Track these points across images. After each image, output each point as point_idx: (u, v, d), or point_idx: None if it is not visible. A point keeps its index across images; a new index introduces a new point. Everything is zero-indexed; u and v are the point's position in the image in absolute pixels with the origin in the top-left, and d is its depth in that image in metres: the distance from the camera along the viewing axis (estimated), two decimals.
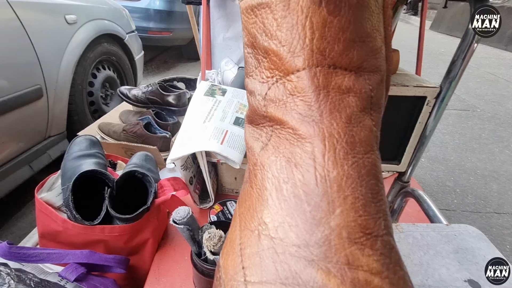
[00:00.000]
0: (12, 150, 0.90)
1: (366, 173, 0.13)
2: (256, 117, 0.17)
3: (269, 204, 0.13)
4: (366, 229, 0.12)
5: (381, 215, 0.13)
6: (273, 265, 0.12)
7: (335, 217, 0.12)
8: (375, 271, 0.11)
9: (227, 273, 0.13)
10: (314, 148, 0.13)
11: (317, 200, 0.12)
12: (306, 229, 0.12)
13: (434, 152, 1.53)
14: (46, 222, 0.52)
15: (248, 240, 0.13)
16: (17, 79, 0.88)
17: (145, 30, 2.42)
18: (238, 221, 0.15)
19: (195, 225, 0.43)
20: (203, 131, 0.54)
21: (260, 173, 0.14)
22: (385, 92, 0.16)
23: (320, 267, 0.11)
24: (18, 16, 0.89)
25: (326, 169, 0.12)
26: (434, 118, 0.49)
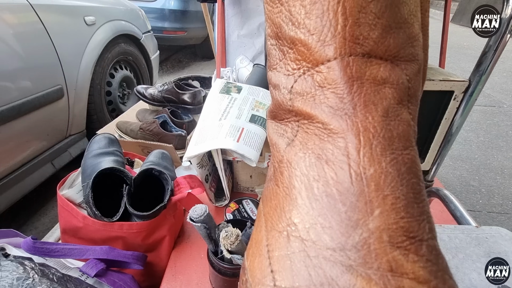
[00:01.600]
0: (35, 148, 0.93)
1: (406, 170, 0.12)
2: (281, 112, 0.16)
3: (298, 204, 0.12)
4: (409, 232, 0.11)
5: (424, 217, 0.11)
6: (306, 269, 0.11)
7: (374, 218, 0.11)
8: (422, 279, 0.10)
9: (254, 277, 0.12)
10: (347, 143, 0.12)
11: (353, 200, 0.11)
12: (341, 231, 0.11)
13: (457, 150, 1.47)
14: (68, 218, 0.53)
15: (276, 242, 0.12)
16: (40, 80, 0.91)
17: (160, 30, 2.45)
18: (263, 221, 0.14)
19: (212, 223, 0.42)
20: (219, 129, 0.54)
21: (287, 171, 0.14)
22: (422, 83, 0.15)
23: (360, 273, 0.10)
24: (41, 19, 0.92)
25: (362, 166, 0.11)
26: (461, 114, 0.47)
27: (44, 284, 0.33)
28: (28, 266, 0.35)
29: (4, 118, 0.78)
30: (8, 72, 0.81)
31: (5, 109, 0.77)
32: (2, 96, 0.78)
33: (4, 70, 0.79)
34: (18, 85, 0.85)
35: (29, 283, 0.33)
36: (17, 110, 0.81)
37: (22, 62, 0.86)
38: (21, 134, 0.86)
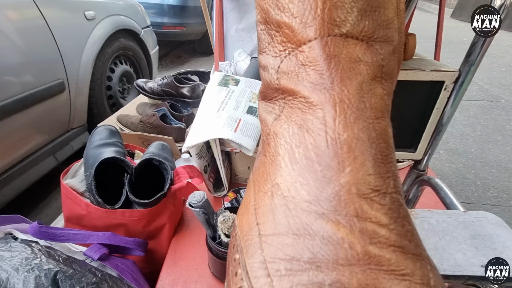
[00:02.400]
0: (38, 141, 0.95)
1: (376, 136, 0.13)
2: (269, 92, 0.17)
3: (281, 168, 0.14)
4: (375, 186, 0.12)
5: (390, 175, 0.13)
6: (286, 219, 0.12)
7: (345, 175, 0.12)
8: (383, 223, 0.12)
9: (242, 230, 0.14)
10: (325, 113, 0.13)
11: (327, 161, 0.13)
12: (317, 187, 0.12)
13: (453, 144, 1.48)
14: (71, 207, 0.55)
15: (261, 200, 0.14)
16: (42, 74, 0.93)
17: (159, 26, 2.46)
18: (252, 186, 0.15)
19: (210, 209, 0.44)
20: (217, 119, 0.55)
21: (273, 141, 0.15)
22: (397, 64, 0.16)
23: (330, 219, 0.12)
24: (43, 14, 0.93)
25: (337, 132, 0.13)
26: (452, 104, 0.48)
27: (51, 264, 0.35)
28: (35, 248, 0.37)
29: (8, 112, 0.79)
30: (11, 66, 0.83)
31: (9, 103, 0.79)
32: (6, 90, 0.80)
33: (7, 64, 0.81)
34: (21, 79, 0.86)
35: (36, 263, 0.35)
36: (20, 103, 0.82)
37: (25, 56, 0.87)
38: (24, 127, 0.88)
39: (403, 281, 0.11)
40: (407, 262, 0.11)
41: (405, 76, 0.46)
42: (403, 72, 0.46)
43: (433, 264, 0.12)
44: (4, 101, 0.77)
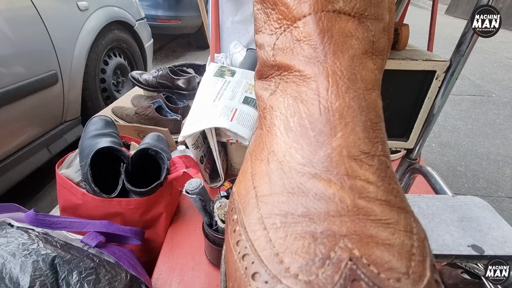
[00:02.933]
0: (31, 133, 0.94)
1: (367, 105, 0.14)
2: (266, 69, 0.18)
3: (277, 136, 0.15)
4: (364, 149, 0.13)
5: (379, 140, 0.14)
6: (281, 180, 0.13)
7: (336, 139, 0.13)
8: (371, 180, 0.13)
9: (240, 194, 0.15)
10: (318, 85, 0.14)
11: (320, 127, 0.13)
12: (310, 150, 0.13)
13: (445, 138, 1.51)
14: (67, 196, 0.55)
15: (258, 167, 0.15)
16: (34, 65, 0.91)
17: (154, 18, 2.43)
18: (249, 157, 0.16)
19: (207, 197, 0.45)
20: (213, 109, 0.56)
21: (269, 114, 0.16)
22: (387, 42, 0.17)
23: (322, 178, 0.12)
24: (34, 3, 0.92)
25: (330, 101, 0.14)
26: (443, 94, 0.49)
27: (49, 250, 0.36)
28: (32, 234, 0.38)
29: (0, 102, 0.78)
30: (2, 57, 0.81)
31: (0, 93, 0.78)
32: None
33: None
34: (12, 70, 0.85)
35: (34, 248, 0.35)
36: (12, 94, 0.81)
37: (16, 47, 0.85)
38: (17, 119, 0.87)
39: (388, 228, 0.12)
40: (392, 213, 0.12)
41: (398, 66, 0.47)
42: (396, 61, 0.46)
43: (415, 218, 0.13)
44: None
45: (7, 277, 0.31)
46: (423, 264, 0.12)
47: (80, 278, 0.35)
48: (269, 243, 0.12)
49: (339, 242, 0.11)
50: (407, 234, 0.12)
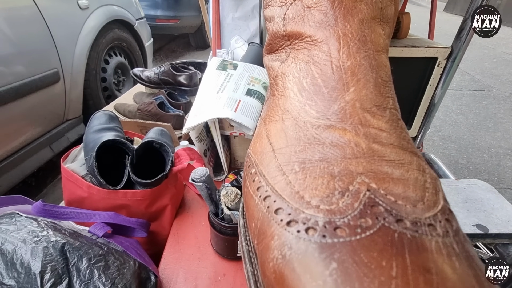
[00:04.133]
0: (34, 132, 0.94)
1: (377, 64, 0.14)
2: (276, 41, 0.18)
3: (291, 97, 0.15)
4: (376, 102, 0.14)
5: (389, 95, 0.14)
6: (296, 134, 0.14)
7: (349, 93, 0.13)
8: (384, 128, 0.13)
9: (256, 152, 0.15)
10: (330, 47, 0.14)
11: (333, 84, 0.14)
12: (324, 105, 0.14)
13: (446, 132, 1.52)
14: (72, 190, 0.55)
15: (273, 127, 0.15)
16: (36, 64, 0.92)
17: (153, 18, 2.43)
18: (263, 123, 0.16)
19: (212, 185, 0.45)
20: (217, 100, 0.56)
21: (281, 80, 0.16)
22: (394, 12, 0.18)
23: (337, 127, 0.13)
24: (36, 2, 0.92)
25: (341, 61, 0.14)
26: (444, 80, 0.50)
27: (58, 237, 0.36)
28: (42, 222, 0.38)
29: (2, 100, 0.79)
30: (4, 56, 0.82)
31: (3, 91, 0.78)
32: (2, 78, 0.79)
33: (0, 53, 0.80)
34: (14, 68, 0.85)
35: (44, 235, 0.35)
36: (14, 92, 0.81)
37: (18, 46, 0.86)
38: (19, 117, 0.87)
39: (402, 167, 0.12)
40: (405, 155, 0.13)
41: (400, 53, 0.47)
42: (398, 49, 0.47)
43: (426, 163, 0.14)
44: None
45: (18, 263, 0.32)
46: (436, 195, 0.12)
47: (90, 264, 0.35)
48: (289, 185, 0.12)
49: (356, 178, 0.11)
50: (420, 172, 0.12)
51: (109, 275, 0.36)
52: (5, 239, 0.33)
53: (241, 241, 0.16)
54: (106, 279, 0.35)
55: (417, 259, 0.10)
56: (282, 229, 0.11)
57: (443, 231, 0.12)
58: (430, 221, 0.11)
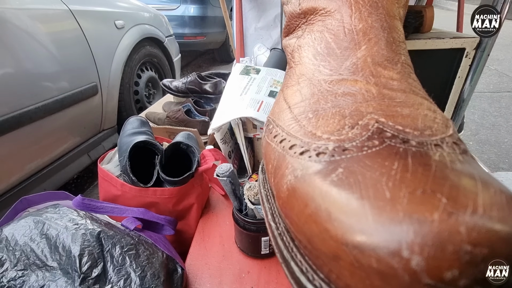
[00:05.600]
0: (74, 140, 1.03)
1: (388, 26, 0.15)
2: (292, 22, 0.19)
3: (306, 63, 0.16)
4: (387, 57, 0.14)
5: (401, 52, 0.15)
6: (310, 90, 0.14)
7: (361, 51, 0.14)
8: (395, 78, 0.13)
9: (274, 113, 0.16)
10: (342, 14, 0.15)
11: (346, 44, 0.14)
12: (337, 63, 0.14)
13: (484, 135, 1.41)
14: (107, 188, 0.59)
15: (289, 91, 0.16)
16: (78, 78, 1.01)
17: (181, 36, 2.58)
18: (281, 90, 0.17)
19: (236, 181, 0.46)
20: (240, 102, 0.58)
21: (297, 52, 0.17)
22: None
23: (349, 79, 0.13)
24: (80, 25, 1.03)
25: (353, 25, 0.15)
26: (475, 72, 0.48)
27: (95, 225, 0.39)
28: (81, 213, 0.41)
29: (49, 110, 0.87)
30: (51, 73, 0.91)
31: (50, 102, 0.87)
32: (47, 92, 0.88)
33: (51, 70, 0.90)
34: (59, 84, 0.95)
35: (82, 223, 0.38)
36: (59, 103, 0.90)
37: (64, 64, 0.96)
38: (62, 127, 0.96)
39: (412, 107, 0.12)
40: (416, 98, 0.13)
41: (424, 45, 0.46)
42: (422, 41, 0.46)
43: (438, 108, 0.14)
44: (46, 100, 0.86)
45: (61, 246, 0.35)
46: (446, 126, 0.12)
47: (122, 252, 0.37)
48: (303, 128, 0.13)
49: (366, 116, 0.12)
50: (431, 111, 0.12)
51: (140, 263, 0.38)
52: (50, 225, 0.37)
53: (260, 190, 0.16)
54: (136, 266, 0.37)
55: (418, 160, 0.11)
56: (295, 159, 0.12)
57: (450, 149, 0.12)
58: (437, 142, 0.12)
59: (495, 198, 0.09)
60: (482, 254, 0.08)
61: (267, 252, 0.50)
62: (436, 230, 0.08)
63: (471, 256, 0.08)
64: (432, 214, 0.09)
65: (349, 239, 0.10)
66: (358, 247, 0.09)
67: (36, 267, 0.34)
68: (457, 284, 0.08)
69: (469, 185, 0.10)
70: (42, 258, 0.34)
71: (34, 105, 0.83)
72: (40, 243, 0.35)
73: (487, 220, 0.09)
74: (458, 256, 0.08)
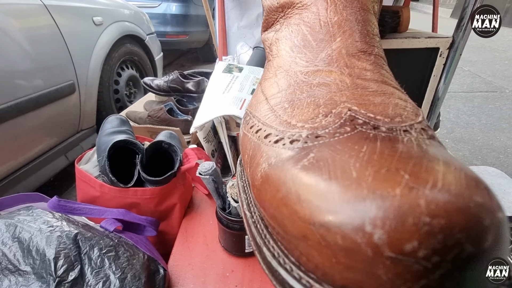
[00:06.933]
0: (50, 141, 0.98)
1: (362, 19, 0.15)
2: (271, 16, 0.19)
3: (283, 55, 0.16)
4: (361, 48, 0.14)
5: (375, 44, 0.15)
6: (287, 81, 0.14)
7: (336, 42, 0.14)
8: (368, 68, 0.14)
9: (252, 105, 0.16)
10: (318, 7, 0.16)
11: (321, 37, 0.15)
12: (313, 55, 0.14)
13: (459, 133, 1.48)
14: (85, 189, 0.57)
15: (267, 82, 0.16)
16: (54, 77, 0.97)
17: (163, 35, 2.53)
18: (259, 83, 0.17)
19: (219, 179, 0.46)
20: (223, 100, 0.58)
21: (275, 45, 0.17)
22: None
23: (324, 70, 0.14)
24: (56, 21, 0.99)
25: (329, 17, 0.15)
26: (448, 70, 0.50)
27: (72, 227, 0.37)
28: (56, 214, 0.39)
29: (23, 109, 0.83)
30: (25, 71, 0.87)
31: (23, 101, 0.83)
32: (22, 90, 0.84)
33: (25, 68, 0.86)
34: (33, 82, 0.90)
35: (58, 225, 0.37)
36: (34, 102, 0.86)
37: (38, 61, 0.92)
38: (37, 127, 0.92)
39: (384, 95, 0.13)
40: (388, 88, 0.13)
41: (401, 44, 0.48)
42: (399, 40, 0.48)
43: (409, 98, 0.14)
44: (20, 99, 0.81)
45: (34, 249, 0.33)
46: (416, 114, 0.13)
47: (101, 254, 0.36)
48: (279, 117, 0.13)
49: (340, 104, 0.12)
50: (402, 100, 0.13)
51: (119, 265, 0.37)
52: (22, 228, 0.35)
53: (237, 181, 0.16)
54: (116, 268, 0.36)
55: (387, 143, 0.11)
56: (270, 147, 0.12)
57: (418, 134, 0.12)
58: (405, 128, 0.12)
59: (454, 174, 0.10)
60: (439, 224, 0.08)
61: (251, 251, 0.50)
62: (397, 204, 0.09)
63: (430, 227, 0.08)
64: (395, 189, 0.09)
65: (316, 218, 0.10)
66: (324, 225, 0.09)
67: (8, 271, 0.32)
68: (417, 255, 0.08)
69: (431, 163, 0.10)
70: (14, 263, 0.32)
71: (5, 104, 0.79)
72: (12, 247, 0.33)
73: (445, 193, 0.09)
74: (418, 228, 0.08)
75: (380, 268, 0.08)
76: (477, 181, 0.10)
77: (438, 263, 0.08)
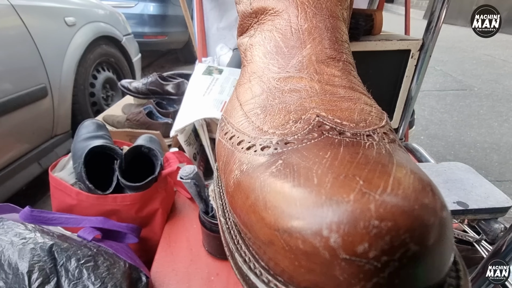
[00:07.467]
0: (22, 147, 0.93)
1: (331, 26, 0.16)
2: (245, 21, 0.20)
3: (257, 61, 0.16)
4: (330, 55, 0.15)
5: (343, 50, 0.16)
6: (260, 87, 0.15)
7: (306, 49, 0.15)
8: (337, 75, 0.14)
9: (227, 111, 0.16)
10: (289, 14, 0.16)
11: (292, 43, 0.15)
12: (284, 62, 0.15)
13: (433, 130, 1.56)
14: (61, 198, 0.55)
15: (241, 88, 0.16)
16: (24, 80, 0.92)
17: (140, 35, 2.47)
18: (235, 89, 0.18)
19: (201, 182, 0.46)
20: (203, 102, 0.57)
21: (249, 51, 0.17)
22: None
23: (295, 77, 0.14)
24: (24, 22, 0.94)
25: (299, 24, 0.15)
26: (419, 71, 0.52)
27: (46, 238, 0.36)
28: (29, 226, 0.38)
29: None
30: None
31: None
32: None
33: None
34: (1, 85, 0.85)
35: (31, 237, 0.35)
36: (2, 107, 0.81)
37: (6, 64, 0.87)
38: (7, 133, 0.87)
39: (350, 101, 0.13)
40: (355, 94, 0.14)
41: (375, 47, 0.50)
42: (373, 43, 0.49)
43: (376, 103, 0.15)
44: None
45: (6, 264, 0.31)
46: (380, 119, 0.13)
47: (79, 265, 0.35)
48: (252, 123, 0.13)
49: (309, 111, 0.13)
50: (367, 105, 0.14)
51: (99, 275, 0.35)
52: None
53: (213, 188, 0.17)
54: (95, 279, 0.35)
55: (349, 149, 0.12)
56: (242, 154, 0.13)
57: (379, 138, 0.13)
58: (369, 133, 0.13)
59: (404, 178, 0.11)
60: (387, 227, 0.09)
61: None
62: (351, 209, 0.09)
63: (378, 230, 0.09)
64: (349, 195, 0.10)
65: (280, 224, 0.10)
66: (287, 231, 0.10)
67: None
68: (368, 256, 0.09)
69: (385, 168, 0.11)
70: None
71: None
72: None
73: (393, 197, 0.10)
74: (368, 231, 0.09)
75: (337, 269, 0.09)
76: (424, 183, 0.11)
77: (386, 262, 0.09)
